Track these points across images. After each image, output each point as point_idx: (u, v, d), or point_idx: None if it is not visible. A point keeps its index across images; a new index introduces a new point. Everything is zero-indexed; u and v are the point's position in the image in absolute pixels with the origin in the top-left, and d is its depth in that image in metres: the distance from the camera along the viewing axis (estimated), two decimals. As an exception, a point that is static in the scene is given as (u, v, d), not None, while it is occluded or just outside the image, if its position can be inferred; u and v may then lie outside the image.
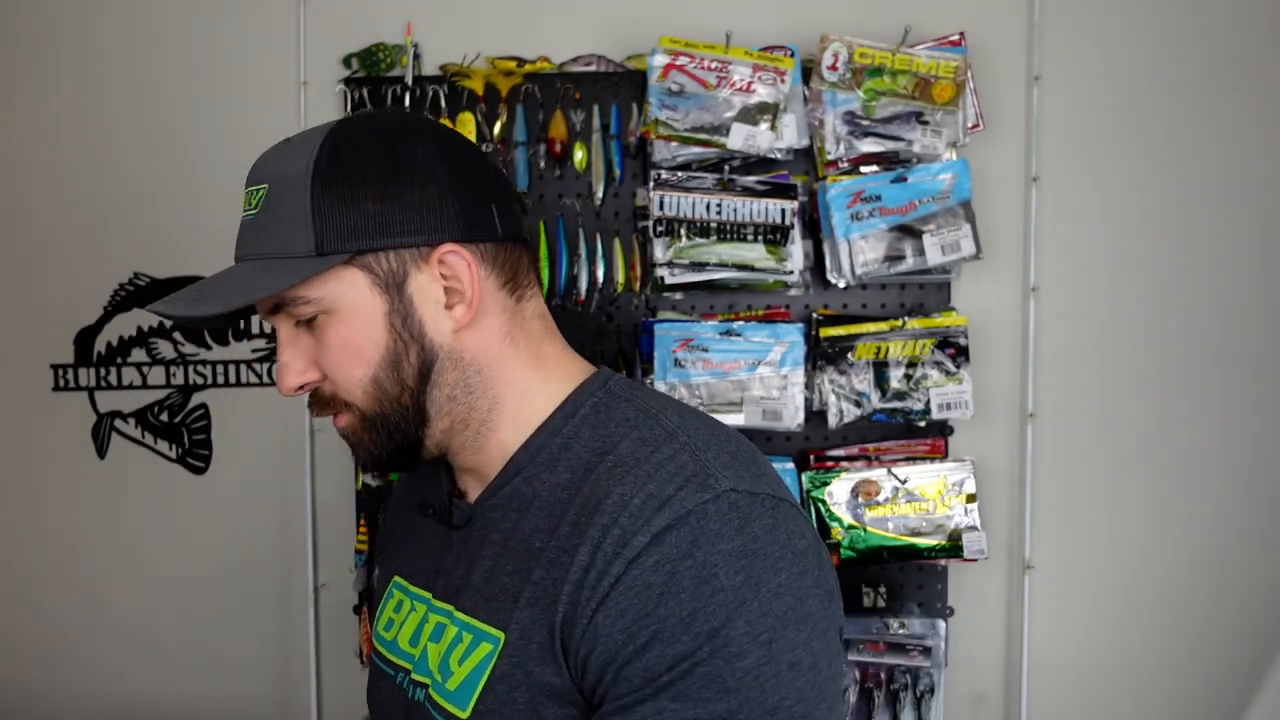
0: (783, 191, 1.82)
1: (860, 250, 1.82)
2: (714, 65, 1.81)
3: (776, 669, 0.69)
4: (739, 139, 1.79)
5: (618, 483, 0.74)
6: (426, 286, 0.79)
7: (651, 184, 1.80)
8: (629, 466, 0.75)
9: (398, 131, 0.80)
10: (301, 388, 0.82)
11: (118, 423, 2.06)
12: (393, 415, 0.80)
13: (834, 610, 0.75)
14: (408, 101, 1.91)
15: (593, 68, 1.91)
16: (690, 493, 0.71)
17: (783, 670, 0.69)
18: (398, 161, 0.78)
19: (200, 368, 2.04)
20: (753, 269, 1.82)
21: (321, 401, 0.82)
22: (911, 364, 1.85)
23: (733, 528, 0.70)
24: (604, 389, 0.84)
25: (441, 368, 0.80)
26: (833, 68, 1.83)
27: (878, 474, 1.85)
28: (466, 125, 1.90)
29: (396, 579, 0.95)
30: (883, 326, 1.85)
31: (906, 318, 1.85)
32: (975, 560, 1.86)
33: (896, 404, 1.85)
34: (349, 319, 0.78)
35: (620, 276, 1.90)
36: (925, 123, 1.83)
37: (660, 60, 1.81)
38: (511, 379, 0.83)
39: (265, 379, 2.03)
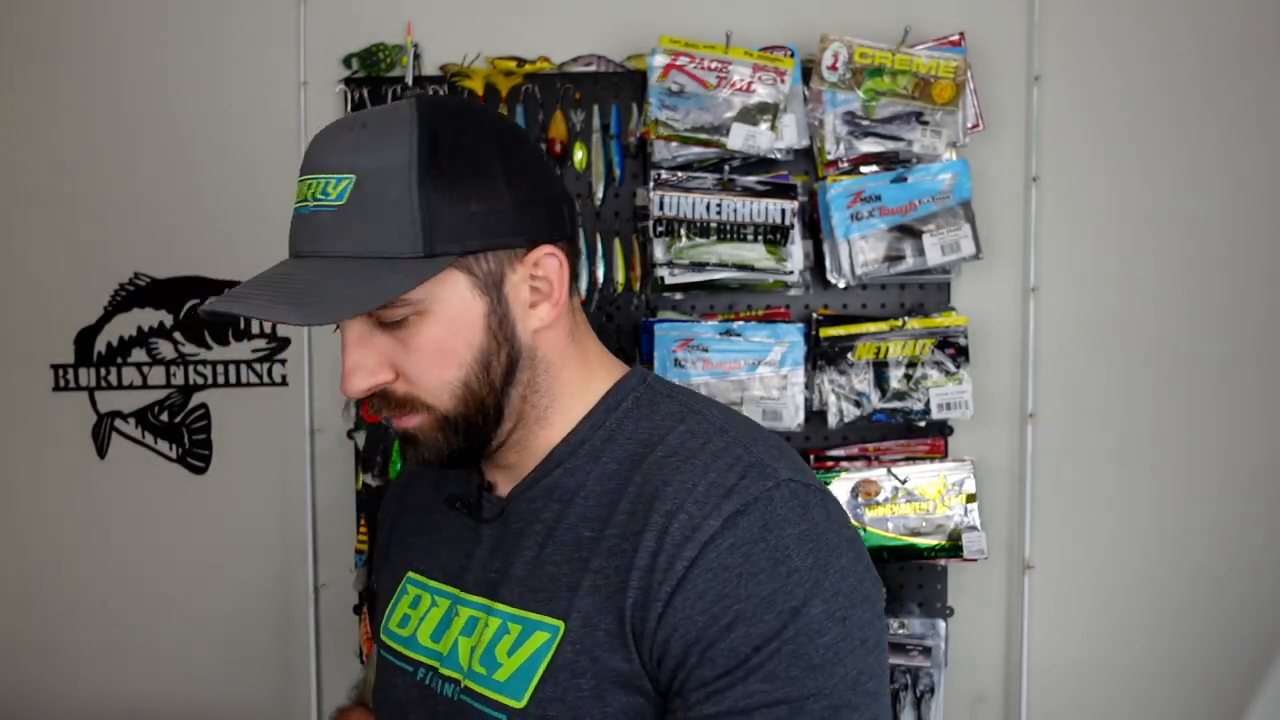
0: (783, 191, 1.82)
1: (860, 250, 1.82)
2: (714, 65, 1.81)
3: (851, 645, 0.72)
4: (739, 139, 1.79)
5: (675, 472, 0.76)
6: (518, 287, 0.78)
7: (651, 184, 1.80)
8: (684, 457, 0.77)
9: (483, 123, 0.78)
10: (369, 389, 0.79)
11: (118, 423, 2.06)
12: (474, 416, 0.79)
13: (881, 594, 0.80)
14: (408, 101, 1.91)
15: (593, 68, 1.91)
16: (753, 481, 0.74)
17: (856, 646, 0.72)
18: (493, 157, 0.76)
19: (200, 368, 2.04)
20: (753, 269, 1.82)
21: (394, 402, 0.79)
22: (911, 364, 1.85)
23: (797, 513, 0.74)
24: (643, 384, 0.86)
25: (521, 367, 0.80)
26: (833, 68, 1.83)
27: (877, 474, 1.85)
28: (466, 125, 1.90)
29: (411, 575, 0.93)
30: (883, 326, 1.85)
31: (906, 318, 1.85)
32: (975, 560, 1.86)
33: (896, 404, 1.85)
34: (446, 321, 0.76)
35: (620, 276, 1.90)
36: (925, 123, 1.83)
37: (660, 60, 1.81)
38: (569, 376, 0.84)
39: (265, 379, 2.03)
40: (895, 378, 1.85)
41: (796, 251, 1.83)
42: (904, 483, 1.85)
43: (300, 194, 0.76)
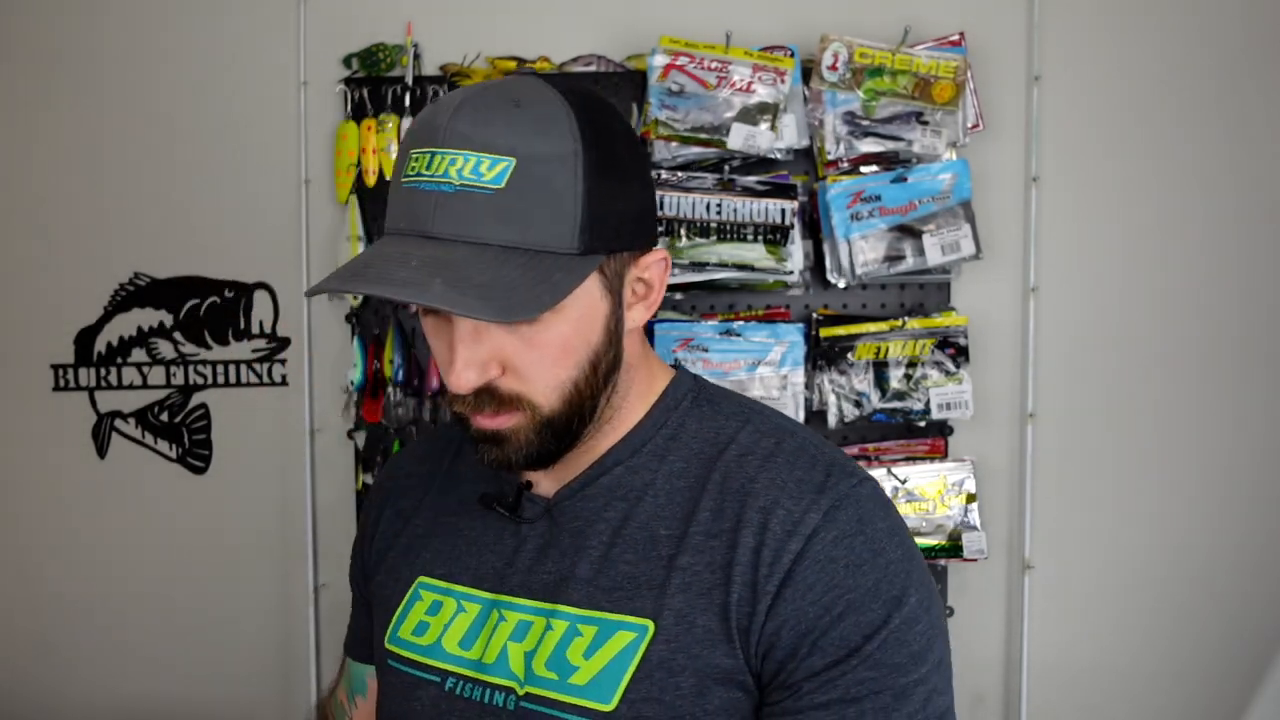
0: (783, 191, 1.82)
1: (860, 250, 1.82)
2: (714, 65, 1.81)
3: (936, 632, 0.75)
4: (739, 139, 1.79)
5: (760, 469, 0.77)
6: (628, 288, 0.77)
7: (651, 184, 1.80)
8: (764, 456, 0.78)
9: (617, 116, 0.76)
10: (478, 386, 0.74)
11: (118, 423, 2.06)
12: (573, 418, 0.76)
13: None
14: (408, 101, 1.91)
15: (593, 68, 1.91)
16: (838, 478, 0.76)
17: (939, 634, 0.76)
18: (629, 155, 0.75)
19: (200, 368, 2.04)
20: (753, 269, 1.82)
21: (497, 399, 0.74)
22: (911, 364, 1.85)
23: (880, 509, 0.77)
24: (695, 384, 0.86)
25: (617, 369, 0.79)
26: (833, 68, 1.83)
27: (877, 474, 1.84)
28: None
29: (424, 580, 0.88)
30: (883, 326, 1.85)
31: (906, 318, 1.85)
32: (975, 560, 1.86)
33: (896, 404, 1.85)
34: (575, 320, 0.73)
35: (620, 276, 1.89)
36: (925, 123, 1.83)
37: (660, 60, 1.81)
38: (639, 378, 0.83)
39: (265, 379, 2.03)
40: (895, 378, 1.85)
41: (796, 251, 1.83)
42: (904, 482, 1.85)
43: (435, 166, 0.68)
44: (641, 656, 0.74)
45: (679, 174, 1.81)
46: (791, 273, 1.82)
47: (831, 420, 1.84)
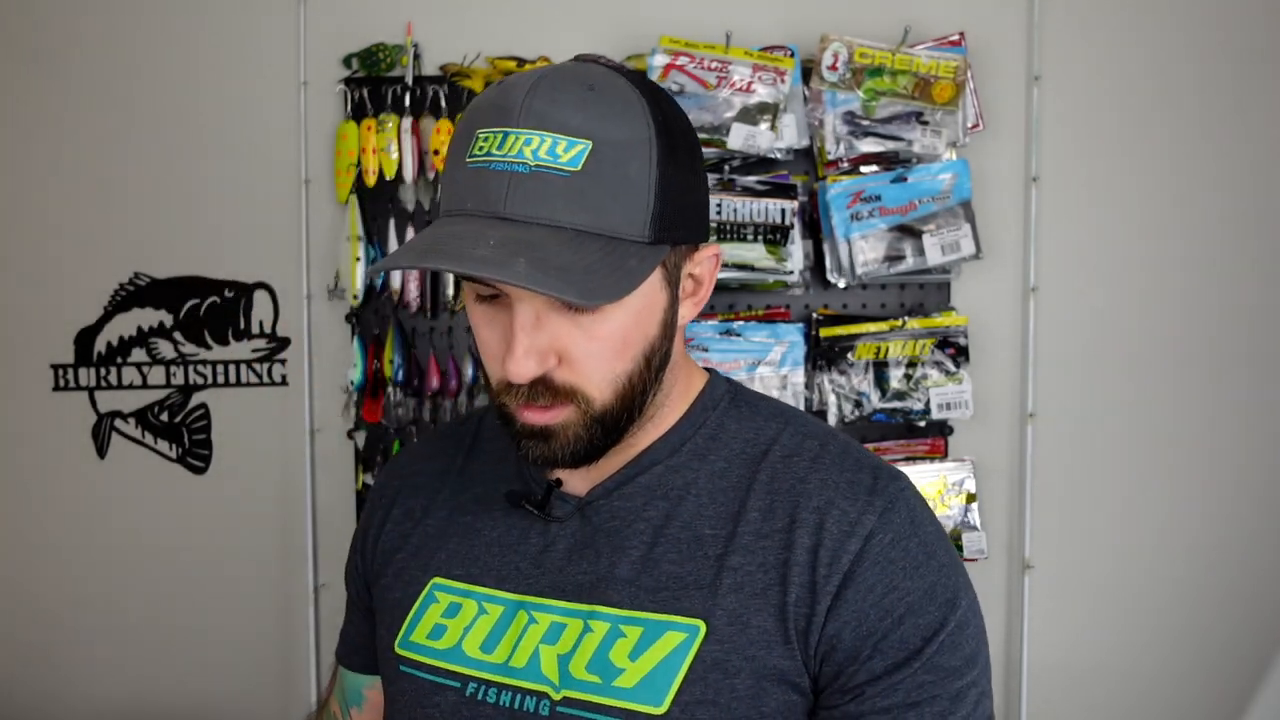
0: (783, 191, 1.82)
1: (860, 250, 1.82)
2: (714, 65, 1.81)
3: (982, 635, 0.76)
4: (739, 139, 1.79)
5: (810, 470, 0.77)
6: (683, 282, 0.76)
7: (651, 184, 1.80)
8: (810, 457, 0.78)
9: (679, 108, 0.74)
10: (536, 376, 0.72)
11: (118, 423, 2.06)
12: (623, 412, 0.74)
13: None
14: (408, 101, 1.91)
15: (593, 68, 1.91)
16: (886, 480, 0.76)
17: (984, 636, 0.77)
18: (694, 147, 0.74)
19: (200, 368, 2.04)
20: (753, 269, 1.82)
21: (551, 391, 0.71)
22: (911, 364, 1.85)
23: (926, 512, 0.77)
24: (729, 384, 0.85)
25: (665, 365, 0.78)
26: (833, 68, 1.83)
27: (878, 474, 1.84)
28: (466, 125, 1.90)
29: (439, 581, 0.84)
30: (883, 326, 1.85)
31: (906, 318, 1.85)
32: (975, 560, 1.86)
33: (896, 404, 1.85)
34: (636, 311, 0.71)
35: (620, 276, 1.89)
36: (925, 123, 1.83)
37: (660, 60, 1.81)
38: (680, 375, 0.82)
39: (265, 379, 2.03)
40: (895, 378, 1.85)
41: (796, 251, 1.83)
42: (904, 483, 1.85)
43: (509, 147, 0.67)
44: (694, 657, 0.73)
45: (679, 174, 1.81)
46: (791, 272, 1.82)
47: (831, 420, 1.84)
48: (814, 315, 1.88)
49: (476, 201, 0.67)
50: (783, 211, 1.81)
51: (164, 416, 2.05)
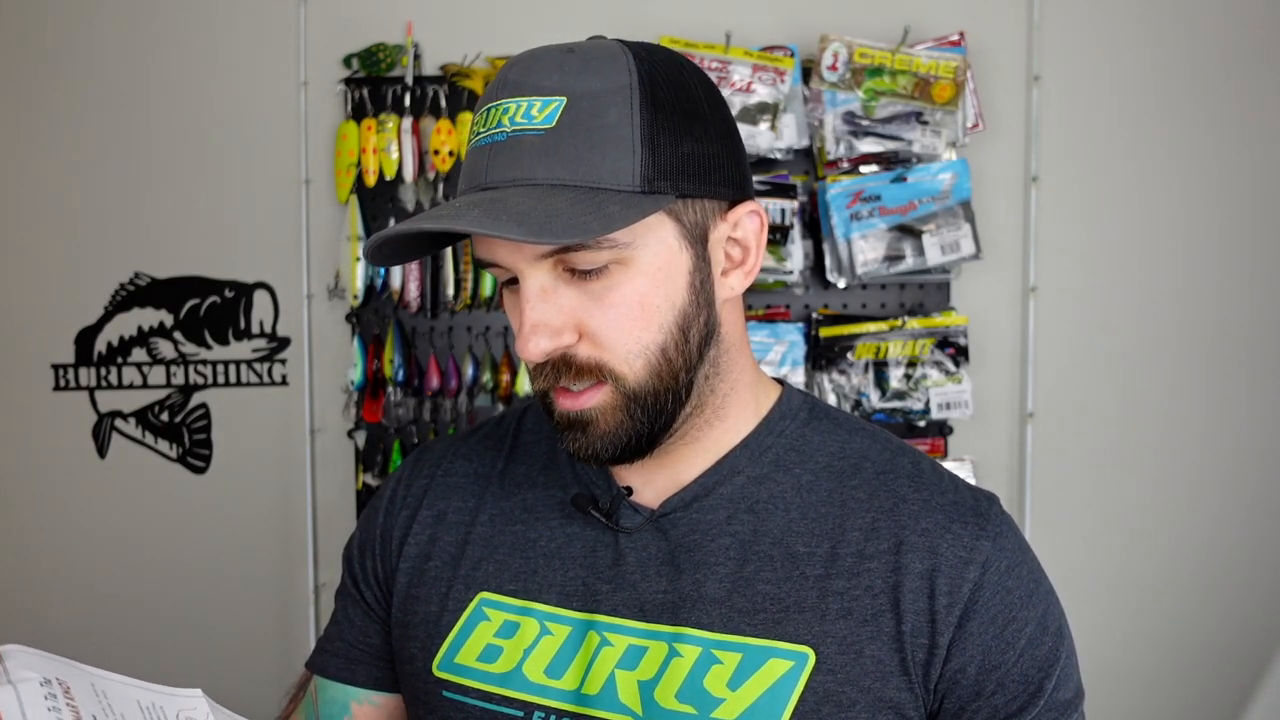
0: (783, 191, 1.82)
1: (860, 250, 1.82)
2: (714, 65, 1.81)
3: (1077, 661, 0.74)
4: (739, 139, 1.79)
5: (912, 490, 0.73)
6: (716, 247, 0.70)
7: (651, 184, 1.80)
8: (908, 475, 0.74)
9: (691, 67, 0.71)
10: (551, 352, 0.67)
11: (118, 422, 2.06)
12: (664, 392, 0.68)
13: None
14: (408, 101, 1.91)
15: (593, 68, 1.91)
16: (986, 504, 0.74)
17: (1075, 657, 0.74)
18: (702, 101, 0.69)
19: (200, 368, 2.04)
20: (753, 269, 1.82)
21: (575, 369, 0.67)
22: (911, 364, 1.85)
23: (1021, 535, 0.74)
24: (804, 395, 0.80)
25: (712, 342, 0.71)
26: (832, 68, 1.83)
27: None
28: (467, 125, 1.90)
29: (488, 597, 0.77)
30: (882, 326, 1.85)
31: (906, 317, 1.85)
32: (975, 560, 1.86)
33: (896, 404, 1.85)
34: (651, 272, 0.66)
35: (620, 276, 1.89)
36: (925, 123, 1.83)
37: (660, 60, 1.81)
38: (744, 365, 0.75)
39: (265, 379, 2.03)
40: (895, 377, 1.85)
41: (796, 251, 1.83)
42: (904, 482, 1.85)
43: (490, 120, 0.66)
44: (804, 687, 0.67)
45: (679, 174, 1.81)
46: (791, 272, 1.82)
47: (831, 420, 1.84)
48: (814, 315, 1.88)
49: (467, 180, 0.67)
50: (783, 211, 1.82)
51: (164, 416, 2.05)
